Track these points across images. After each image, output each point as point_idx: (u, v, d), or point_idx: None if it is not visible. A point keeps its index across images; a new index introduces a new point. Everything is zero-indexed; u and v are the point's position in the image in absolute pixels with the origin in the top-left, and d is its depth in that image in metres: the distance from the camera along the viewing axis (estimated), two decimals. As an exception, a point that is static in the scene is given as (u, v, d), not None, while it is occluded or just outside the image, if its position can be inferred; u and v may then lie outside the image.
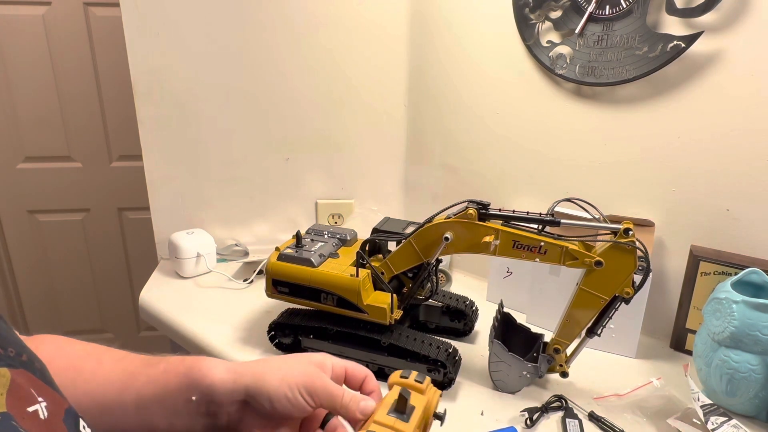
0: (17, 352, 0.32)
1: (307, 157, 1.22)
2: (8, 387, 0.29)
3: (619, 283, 0.69)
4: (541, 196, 1.05)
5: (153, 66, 1.09)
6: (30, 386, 0.31)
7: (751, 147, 0.80)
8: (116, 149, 1.89)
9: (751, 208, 0.82)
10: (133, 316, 2.11)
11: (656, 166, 0.89)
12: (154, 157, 1.15)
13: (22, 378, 0.31)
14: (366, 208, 1.27)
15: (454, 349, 0.80)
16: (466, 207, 0.74)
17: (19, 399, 0.30)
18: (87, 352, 0.50)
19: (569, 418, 0.73)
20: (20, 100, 1.73)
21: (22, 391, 0.30)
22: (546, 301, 0.95)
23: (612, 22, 0.87)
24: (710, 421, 0.68)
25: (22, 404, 0.30)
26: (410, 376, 0.49)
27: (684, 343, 0.90)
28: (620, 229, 0.67)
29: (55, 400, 0.33)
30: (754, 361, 0.70)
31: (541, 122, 1.01)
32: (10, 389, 0.29)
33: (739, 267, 0.80)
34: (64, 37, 1.71)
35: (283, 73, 1.15)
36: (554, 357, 0.78)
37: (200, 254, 1.12)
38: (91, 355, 0.50)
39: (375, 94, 1.20)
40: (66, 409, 0.33)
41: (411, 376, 0.49)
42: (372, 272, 0.81)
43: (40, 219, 1.92)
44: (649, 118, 0.88)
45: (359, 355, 0.82)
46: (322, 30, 1.13)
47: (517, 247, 0.72)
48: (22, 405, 0.30)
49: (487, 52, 1.05)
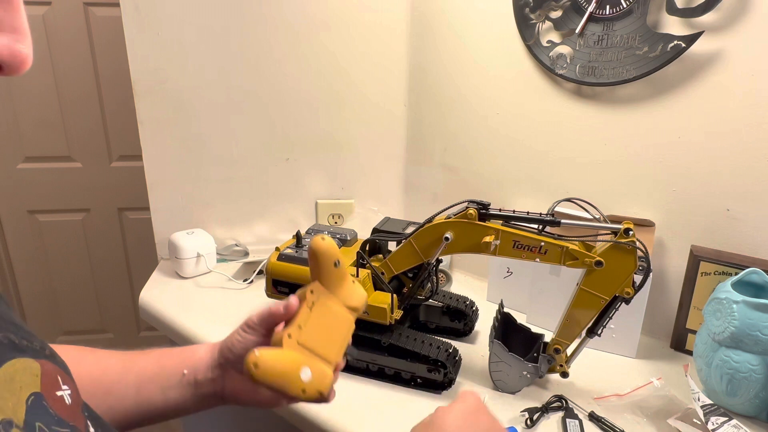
0: (41, 345, 0.35)
1: (308, 157, 1.22)
2: (40, 374, 0.32)
3: (619, 283, 0.69)
4: (541, 196, 1.05)
5: (153, 66, 1.09)
6: (56, 375, 0.34)
7: (751, 147, 0.80)
8: (116, 149, 1.89)
9: (751, 208, 0.82)
10: (133, 316, 2.11)
11: (656, 166, 0.89)
12: (154, 157, 1.15)
13: (49, 368, 0.34)
14: (366, 208, 1.27)
15: (454, 349, 0.80)
16: (466, 207, 0.74)
17: (49, 384, 0.32)
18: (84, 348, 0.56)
19: (569, 418, 0.73)
20: (20, 100, 1.73)
21: (51, 377, 0.33)
22: (546, 301, 0.95)
23: (612, 22, 0.87)
24: (710, 421, 0.68)
25: (52, 389, 0.33)
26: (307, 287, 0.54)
27: (684, 343, 0.90)
28: (620, 229, 0.67)
29: (75, 390, 0.35)
30: (754, 361, 0.70)
31: (541, 122, 1.01)
32: (42, 375, 0.32)
33: (739, 267, 0.80)
34: (64, 37, 1.71)
35: (283, 73, 1.15)
36: (554, 357, 0.78)
37: (200, 254, 1.12)
38: (88, 350, 0.56)
39: (375, 94, 1.20)
40: (82, 403, 0.36)
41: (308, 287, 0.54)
42: (372, 272, 0.81)
43: (40, 219, 1.92)
44: (649, 118, 0.88)
45: (359, 355, 0.82)
46: (322, 30, 1.13)
47: (517, 247, 0.72)
48: (52, 389, 0.33)
49: (488, 52, 1.05)
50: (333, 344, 0.52)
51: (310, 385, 0.49)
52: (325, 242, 0.52)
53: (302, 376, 0.48)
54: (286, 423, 0.79)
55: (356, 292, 0.56)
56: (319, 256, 0.52)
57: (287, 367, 0.48)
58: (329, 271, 0.53)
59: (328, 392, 0.50)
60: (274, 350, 0.49)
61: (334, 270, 0.53)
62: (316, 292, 0.53)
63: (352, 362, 0.83)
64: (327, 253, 0.52)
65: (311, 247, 0.52)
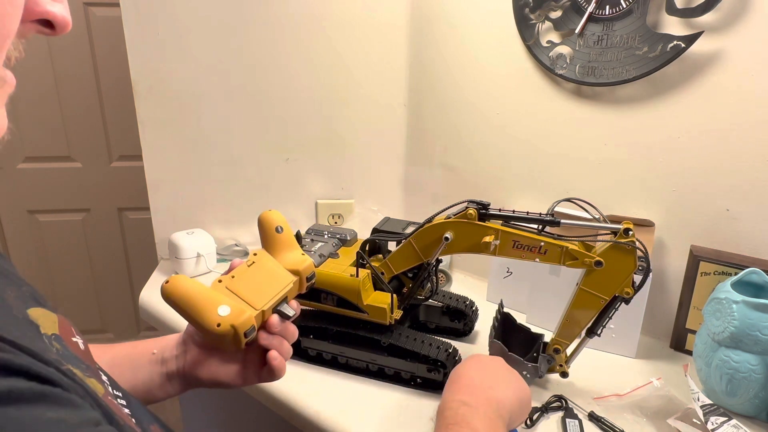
0: (53, 306, 0.39)
1: (307, 157, 1.22)
2: (58, 322, 0.37)
3: (619, 283, 0.69)
4: (541, 196, 1.05)
5: (153, 66, 1.09)
6: (70, 326, 0.39)
7: (751, 147, 0.80)
8: (116, 149, 1.89)
9: (751, 208, 0.82)
10: (133, 316, 2.11)
11: (656, 166, 0.89)
12: (154, 157, 1.15)
13: (63, 320, 0.38)
14: (366, 208, 1.27)
15: (454, 349, 0.80)
16: (466, 207, 0.74)
17: (65, 331, 0.37)
18: None
19: (569, 418, 0.73)
20: (20, 100, 1.73)
21: (66, 326, 0.38)
22: (546, 301, 0.95)
23: (612, 22, 0.87)
24: (710, 421, 0.68)
25: (68, 335, 0.37)
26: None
27: (684, 343, 0.90)
28: (620, 229, 0.67)
29: (86, 343, 0.40)
30: (754, 361, 0.70)
31: (541, 122, 1.01)
32: (59, 323, 0.37)
33: (739, 267, 0.80)
34: (64, 37, 1.71)
35: (283, 73, 1.15)
36: (554, 357, 0.78)
37: (200, 254, 1.12)
38: None
39: (375, 94, 1.20)
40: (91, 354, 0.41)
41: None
42: (372, 272, 0.81)
43: (40, 219, 1.92)
44: (649, 118, 0.88)
45: (359, 355, 0.82)
46: (322, 30, 1.13)
47: (517, 247, 0.72)
48: (68, 335, 0.37)
49: (487, 52, 1.05)
50: (261, 294, 0.54)
51: (225, 320, 0.50)
52: (270, 212, 0.59)
53: (219, 311, 0.50)
54: (286, 423, 0.79)
55: (299, 257, 0.59)
56: (263, 222, 0.58)
57: (206, 298, 0.51)
58: (272, 236, 0.58)
59: (244, 331, 0.51)
60: (198, 282, 0.52)
61: (276, 235, 0.58)
62: (258, 254, 0.57)
63: (353, 362, 0.83)
64: (269, 220, 0.58)
65: (259, 217, 0.59)
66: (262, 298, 0.54)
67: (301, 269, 0.58)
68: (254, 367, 0.58)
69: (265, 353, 0.56)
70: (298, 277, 0.58)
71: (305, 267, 0.58)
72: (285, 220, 0.59)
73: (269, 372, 0.56)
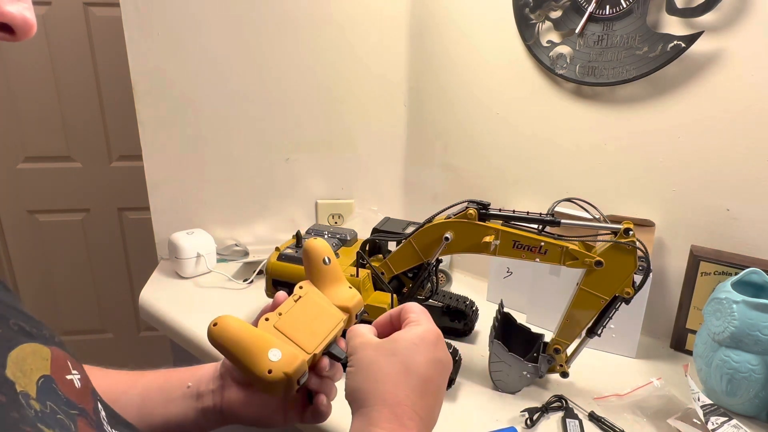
0: (50, 334, 0.36)
1: (307, 157, 1.22)
2: (50, 358, 0.34)
3: (619, 283, 0.69)
4: (541, 196, 1.05)
5: (153, 66, 1.09)
6: (66, 360, 0.36)
7: (751, 147, 0.80)
8: (116, 149, 1.89)
9: (751, 208, 0.82)
10: (133, 316, 2.11)
11: (656, 166, 0.89)
12: (154, 157, 1.15)
13: (59, 353, 0.35)
14: (366, 208, 1.27)
15: (454, 349, 0.80)
16: (466, 207, 0.74)
17: (58, 368, 0.34)
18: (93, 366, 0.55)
19: (569, 419, 0.73)
20: (20, 100, 1.73)
21: (61, 362, 0.35)
22: (546, 301, 0.95)
23: (612, 22, 0.87)
24: (710, 421, 0.68)
25: (62, 372, 0.34)
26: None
27: (684, 343, 0.90)
28: (620, 229, 0.67)
29: (85, 375, 0.37)
30: (754, 361, 0.70)
31: (541, 122, 1.01)
32: (52, 360, 0.34)
33: (739, 267, 0.80)
34: (64, 37, 1.71)
35: (283, 72, 1.15)
36: (554, 357, 0.78)
37: (200, 254, 1.12)
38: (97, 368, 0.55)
39: (375, 94, 1.20)
40: (92, 388, 0.38)
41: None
42: (372, 272, 0.81)
43: (40, 219, 1.92)
44: (649, 118, 0.88)
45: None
46: (322, 30, 1.13)
47: (517, 247, 0.72)
48: (62, 373, 0.34)
49: (487, 52, 1.05)
50: (312, 335, 0.50)
51: (277, 366, 0.46)
52: (316, 241, 0.55)
53: (270, 356, 0.46)
54: (286, 423, 0.78)
55: (348, 292, 0.55)
56: (309, 252, 0.54)
57: (255, 342, 0.47)
58: (318, 268, 0.54)
59: (297, 378, 0.47)
60: (245, 323, 0.48)
61: (323, 267, 0.54)
62: (305, 287, 0.54)
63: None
64: (315, 250, 0.54)
65: (304, 246, 0.54)
66: (312, 340, 0.50)
67: (350, 306, 0.54)
68: (298, 407, 0.54)
69: (309, 392, 0.53)
70: (348, 314, 0.54)
71: (355, 304, 0.54)
72: (332, 251, 0.55)
73: (314, 414, 0.53)
